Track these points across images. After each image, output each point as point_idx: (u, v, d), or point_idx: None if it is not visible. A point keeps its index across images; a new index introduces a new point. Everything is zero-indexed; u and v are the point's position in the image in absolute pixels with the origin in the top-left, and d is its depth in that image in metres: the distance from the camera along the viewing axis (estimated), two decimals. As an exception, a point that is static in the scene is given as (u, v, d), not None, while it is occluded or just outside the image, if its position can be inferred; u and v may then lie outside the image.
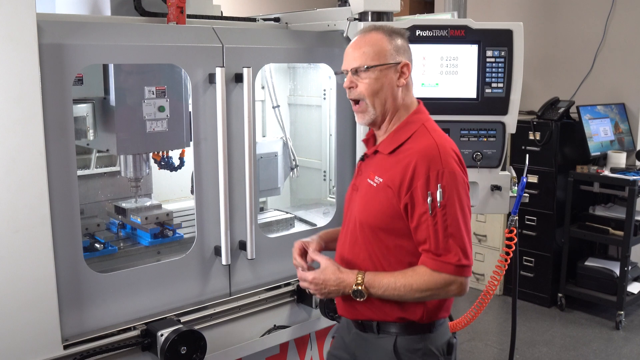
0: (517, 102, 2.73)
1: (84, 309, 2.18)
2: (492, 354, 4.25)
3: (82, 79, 2.38)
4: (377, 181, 1.90)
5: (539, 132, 4.85)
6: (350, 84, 1.92)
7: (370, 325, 1.98)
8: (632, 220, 4.49)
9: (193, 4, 2.75)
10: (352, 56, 1.92)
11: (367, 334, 2.00)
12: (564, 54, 5.32)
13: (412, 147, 1.88)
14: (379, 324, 1.96)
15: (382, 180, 1.89)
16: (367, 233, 1.93)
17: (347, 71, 1.92)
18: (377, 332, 1.97)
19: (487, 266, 5.21)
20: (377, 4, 2.73)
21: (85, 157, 2.90)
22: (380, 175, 1.90)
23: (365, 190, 1.95)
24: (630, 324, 4.67)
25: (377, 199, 1.89)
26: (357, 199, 1.99)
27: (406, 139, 1.91)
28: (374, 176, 1.92)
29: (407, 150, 1.88)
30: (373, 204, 1.91)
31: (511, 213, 2.84)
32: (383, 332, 1.96)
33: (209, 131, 2.41)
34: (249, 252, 2.53)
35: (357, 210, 1.97)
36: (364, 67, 1.89)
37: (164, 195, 3.19)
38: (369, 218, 1.92)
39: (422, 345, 1.92)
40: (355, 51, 1.91)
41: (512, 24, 2.69)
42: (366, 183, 1.95)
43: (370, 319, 1.97)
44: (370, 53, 1.89)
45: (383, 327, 1.95)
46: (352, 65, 1.91)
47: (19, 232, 1.96)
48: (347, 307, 2.03)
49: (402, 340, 1.93)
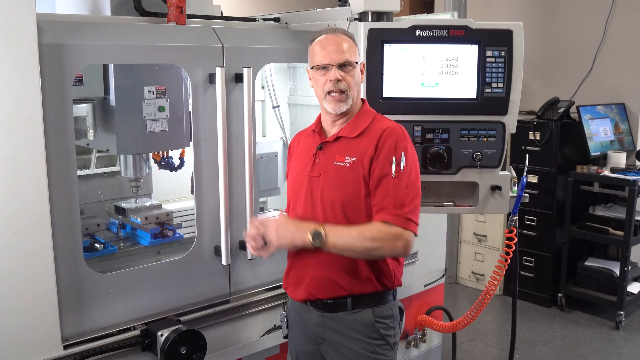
0: (517, 102, 2.72)
1: (84, 309, 2.18)
2: (492, 354, 4.25)
3: (82, 79, 2.38)
4: (350, 160, 2.08)
5: (539, 132, 4.84)
6: (340, 77, 2.07)
7: (344, 303, 2.11)
8: (632, 220, 4.49)
9: (193, 4, 2.75)
10: (336, 52, 2.08)
11: (338, 313, 2.13)
12: (564, 54, 5.32)
13: (376, 128, 2.11)
14: (354, 298, 2.10)
15: (355, 159, 2.08)
16: (342, 212, 2.07)
17: (331, 65, 2.07)
18: (351, 308, 2.12)
19: (487, 266, 5.21)
20: (377, 4, 2.73)
21: (85, 157, 2.90)
22: (352, 155, 2.09)
23: (335, 172, 2.10)
24: (630, 324, 4.67)
25: (354, 176, 2.07)
26: (325, 182, 2.11)
27: (369, 123, 2.14)
28: (342, 158, 2.10)
29: (372, 131, 2.11)
30: (351, 182, 2.07)
31: (511, 213, 2.84)
32: (357, 306, 2.12)
33: (209, 131, 2.41)
34: (249, 252, 2.54)
35: (328, 193, 2.09)
36: (354, 62, 2.10)
37: (164, 195, 3.19)
38: (350, 195, 2.07)
39: (390, 312, 2.17)
40: (338, 48, 2.08)
41: (512, 24, 2.69)
42: (334, 166, 2.11)
43: (345, 295, 2.10)
44: (350, 51, 2.11)
45: (357, 301, 2.11)
46: (339, 60, 2.07)
47: (19, 232, 1.96)
48: (318, 287, 2.12)
49: (377, 310, 2.13)
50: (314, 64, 2.12)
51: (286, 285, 2.26)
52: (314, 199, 2.12)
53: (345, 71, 2.08)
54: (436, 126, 2.73)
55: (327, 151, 2.15)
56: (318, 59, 2.10)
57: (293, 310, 2.27)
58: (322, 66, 2.09)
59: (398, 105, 2.71)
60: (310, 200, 2.14)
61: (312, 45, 2.15)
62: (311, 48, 2.15)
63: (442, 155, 2.73)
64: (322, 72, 2.10)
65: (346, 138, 2.13)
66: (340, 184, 2.09)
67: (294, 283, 2.20)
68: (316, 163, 2.15)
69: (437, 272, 3.41)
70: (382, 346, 2.15)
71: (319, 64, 2.10)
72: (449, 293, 5.03)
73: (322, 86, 2.10)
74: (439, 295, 3.48)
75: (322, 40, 2.12)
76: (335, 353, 2.15)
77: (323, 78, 2.09)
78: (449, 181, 2.79)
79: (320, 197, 2.11)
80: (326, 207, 2.09)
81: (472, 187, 2.85)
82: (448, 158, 2.74)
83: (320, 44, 2.11)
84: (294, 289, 2.21)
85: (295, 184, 2.21)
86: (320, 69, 2.10)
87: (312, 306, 2.17)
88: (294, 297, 2.22)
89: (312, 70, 2.14)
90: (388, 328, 2.16)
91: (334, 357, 2.16)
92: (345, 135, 2.13)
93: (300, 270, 2.17)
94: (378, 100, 2.67)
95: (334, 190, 2.09)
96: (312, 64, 2.14)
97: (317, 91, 2.15)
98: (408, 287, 3.09)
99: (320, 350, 2.19)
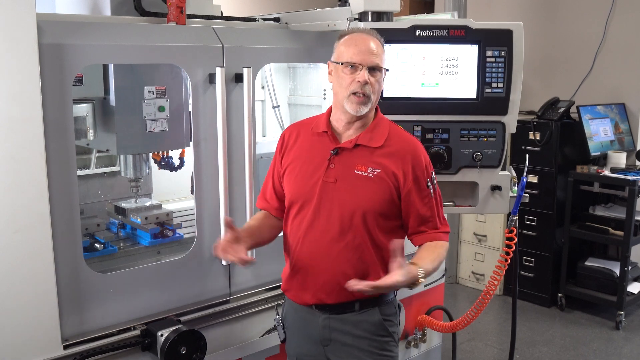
0: (517, 102, 2.72)
1: (84, 309, 2.18)
2: (492, 354, 4.25)
3: (82, 79, 2.38)
4: (373, 172, 2.06)
5: (539, 132, 4.84)
6: (368, 80, 2.01)
7: (352, 305, 2.11)
8: (632, 220, 4.49)
9: (193, 4, 2.75)
10: (370, 54, 2.02)
11: (345, 314, 2.12)
12: (564, 54, 5.32)
13: (399, 142, 2.12)
14: (361, 300, 2.11)
15: (380, 171, 2.06)
16: (362, 222, 2.05)
17: (362, 66, 2.01)
18: (358, 309, 2.12)
19: (487, 266, 5.21)
20: (377, 4, 2.73)
21: (85, 157, 2.90)
22: (375, 166, 2.07)
23: (356, 181, 2.06)
24: (630, 324, 4.67)
25: (379, 188, 2.06)
26: (344, 190, 2.06)
27: (387, 133, 2.12)
28: (365, 168, 2.07)
29: (395, 145, 2.10)
30: (375, 193, 2.06)
31: (511, 213, 2.84)
32: (364, 307, 2.13)
33: (209, 131, 2.41)
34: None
35: (349, 201, 2.05)
36: (383, 69, 2.06)
37: (164, 195, 3.19)
38: (374, 205, 2.06)
39: (394, 309, 2.21)
40: (371, 50, 2.03)
41: (512, 24, 2.69)
42: (355, 175, 2.07)
43: (354, 300, 2.10)
44: (382, 56, 2.06)
45: (365, 302, 2.12)
46: (371, 63, 2.02)
47: (19, 232, 1.96)
48: (329, 293, 2.09)
49: (383, 309, 2.16)
50: (343, 60, 2.03)
51: (287, 287, 2.21)
52: (330, 205, 2.06)
53: (373, 75, 2.03)
54: (436, 126, 2.73)
55: (345, 158, 2.09)
56: (349, 56, 2.02)
57: (292, 313, 2.23)
58: (351, 64, 2.01)
59: (398, 105, 2.71)
60: (325, 205, 2.07)
61: (343, 40, 2.06)
62: (342, 42, 2.07)
63: (442, 155, 2.73)
64: (349, 71, 2.02)
65: (366, 147, 2.09)
66: (362, 194, 2.05)
67: (299, 287, 2.15)
68: (331, 168, 2.08)
69: (437, 272, 3.41)
70: (390, 342, 2.17)
71: (350, 61, 2.01)
72: (449, 293, 5.03)
73: (347, 85, 2.02)
74: (439, 295, 3.48)
75: (356, 37, 2.04)
76: (344, 353, 2.13)
77: (350, 77, 2.01)
78: (449, 181, 2.79)
79: (338, 204, 2.05)
80: (344, 214, 2.05)
81: (472, 187, 2.85)
82: (448, 158, 2.74)
83: (355, 41, 2.03)
84: (298, 293, 2.16)
85: (304, 187, 2.11)
86: (349, 67, 2.02)
87: (318, 309, 2.14)
88: (298, 300, 2.18)
89: (340, 65, 2.04)
90: (393, 325, 2.19)
91: (342, 357, 2.13)
92: (365, 143, 2.08)
93: (308, 275, 2.11)
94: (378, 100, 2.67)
95: (355, 199, 2.05)
96: (340, 59, 2.04)
97: (339, 88, 2.06)
98: (408, 287, 3.09)
99: (325, 352, 2.16)
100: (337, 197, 2.06)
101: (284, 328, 2.28)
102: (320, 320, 2.14)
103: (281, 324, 2.28)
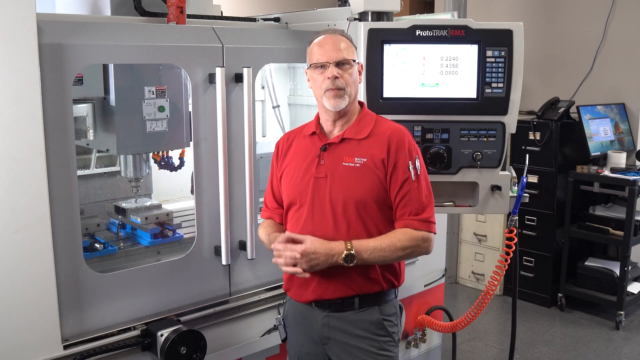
0: (517, 102, 2.72)
1: (84, 309, 2.18)
2: (492, 354, 4.25)
3: (82, 79, 2.38)
4: (360, 161, 2.10)
5: (539, 132, 4.84)
6: (337, 74, 2.08)
7: (351, 302, 2.13)
8: (632, 220, 4.49)
9: (193, 4, 2.75)
10: (335, 50, 2.09)
11: (345, 313, 2.14)
12: (564, 54, 5.32)
13: (383, 130, 2.14)
14: (361, 298, 2.12)
15: (366, 160, 2.10)
16: (355, 212, 2.08)
17: (329, 63, 2.09)
18: (358, 307, 2.13)
19: (487, 266, 5.21)
20: (377, 4, 2.73)
21: (85, 157, 2.90)
22: (361, 155, 2.11)
23: (345, 173, 2.11)
24: (630, 324, 4.67)
25: (366, 176, 2.09)
26: (334, 183, 2.10)
27: (373, 125, 2.16)
28: (351, 159, 2.11)
29: (380, 133, 2.14)
30: (363, 182, 2.09)
31: (511, 213, 2.84)
32: (364, 305, 2.14)
33: (209, 131, 2.41)
34: (249, 252, 2.54)
35: (339, 193, 2.09)
36: (351, 60, 2.11)
37: (164, 195, 3.19)
38: (364, 195, 2.09)
39: (394, 309, 2.22)
40: (335, 46, 2.10)
41: (512, 24, 2.69)
42: (343, 167, 2.11)
43: (353, 295, 2.12)
44: (348, 50, 2.12)
45: (364, 300, 2.13)
46: (337, 58, 2.09)
47: (19, 232, 1.96)
48: (328, 288, 2.11)
49: (383, 308, 2.17)
50: (311, 62, 2.14)
51: (288, 287, 2.24)
52: (322, 200, 2.11)
53: (343, 69, 2.09)
54: (436, 126, 2.73)
55: (333, 152, 2.14)
56: (316, 58, 2.12)
57: (293, 312, 2.25)
58: (319, 64, 2.10)
59: (398, 105, 2.71)
60: (318, 201, 2.12)
61: (310, 46, 2.16)
62: (309, 49, 2.17)
63: (442, 155, 2.73)
64: (319, 71, 2.11)
65: (352, 140, 2.14)
66: (351, 184, 2.09)
67: (299, 285, 2.18)
68: (321, 164, 2.14)
69: (437, 272, 3.42)
70: (389, 342, 2.18)
71: (317, 62, 2.11)
72: (449, 293, 5.03)
73: (320, 84, 2.11)
74: (439, 295, 3.48)
75: (320, 40, 2.14)
76: (342, 352, 2.15)
77: (321, 76, 2.10)
78: (449, 181, 2.79)
79: (329, 198, 2.10)
80: (336, 207, 2.09)
81: (472, 187, 2.85)
82: (448, 158, 2.74)
83: (318, 43, 2.13)
84: (298, 291, 2.19)
85: (299, 186, 2.17)
86: (318, 68, 2.11)
87: (317, 307, 2.16)
88: (298, 298, 2.20)
89: (310, 69, 2.15)
90: (393, 325, 2.20)
91: (341, 356, 2.15)
92: (351, 136, 2.14)
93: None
94: (378, 100, 2.67)
95: (345, 191, 2.09)
96: (309, 62, 2.15)
97: (316, 91, 2.15)
98: (408, 287, 3.09)
99: (325, 350, 2.18)
100: (328, 191, 2.11)
101: (285, 327, 2.30)
102: (320, 318, 2.16)
103: (282, 323, 2.31)
